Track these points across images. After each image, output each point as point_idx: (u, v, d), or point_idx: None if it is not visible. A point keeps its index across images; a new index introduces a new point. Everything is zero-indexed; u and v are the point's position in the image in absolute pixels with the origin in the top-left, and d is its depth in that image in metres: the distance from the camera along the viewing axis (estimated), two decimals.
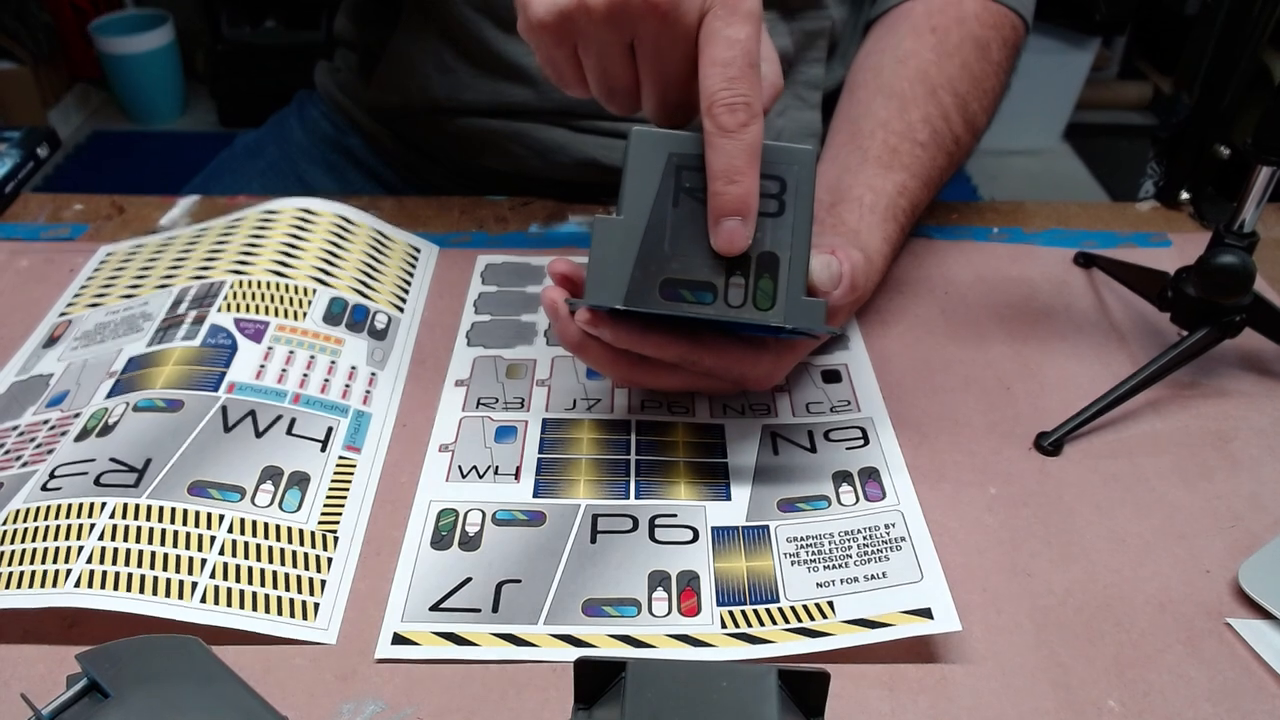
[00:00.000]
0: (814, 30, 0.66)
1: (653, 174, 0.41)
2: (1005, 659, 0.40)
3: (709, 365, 0.45)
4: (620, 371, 0.46)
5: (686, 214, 0.41)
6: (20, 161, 0.70)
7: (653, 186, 0.41)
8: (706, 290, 0.41)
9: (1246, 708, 0.38)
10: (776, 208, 0.42)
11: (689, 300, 0.41)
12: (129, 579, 0.40)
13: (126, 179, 2.27)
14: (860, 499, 0.46)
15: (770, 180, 0.41)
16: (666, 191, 0.41)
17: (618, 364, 0.46)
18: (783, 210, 0.42)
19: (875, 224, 0.53)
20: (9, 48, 2.28)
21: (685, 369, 0.46)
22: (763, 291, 0.41)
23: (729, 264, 0.41)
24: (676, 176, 0.41)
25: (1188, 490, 0.48)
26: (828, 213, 0.53)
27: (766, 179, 0.41)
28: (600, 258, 0.41)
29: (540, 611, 0.41)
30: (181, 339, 0.51)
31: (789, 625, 0.40)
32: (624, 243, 0.41)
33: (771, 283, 0.41)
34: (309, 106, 0.81)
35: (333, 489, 0.46)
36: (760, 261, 0.41)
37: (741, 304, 0.41)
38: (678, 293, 0.41)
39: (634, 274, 0.41)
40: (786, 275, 0.41)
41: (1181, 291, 0.52)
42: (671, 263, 0.41)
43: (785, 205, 0.42)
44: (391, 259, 0.61)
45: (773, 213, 0.41)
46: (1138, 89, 2.50)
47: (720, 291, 0.41)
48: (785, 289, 0.41)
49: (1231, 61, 0.60)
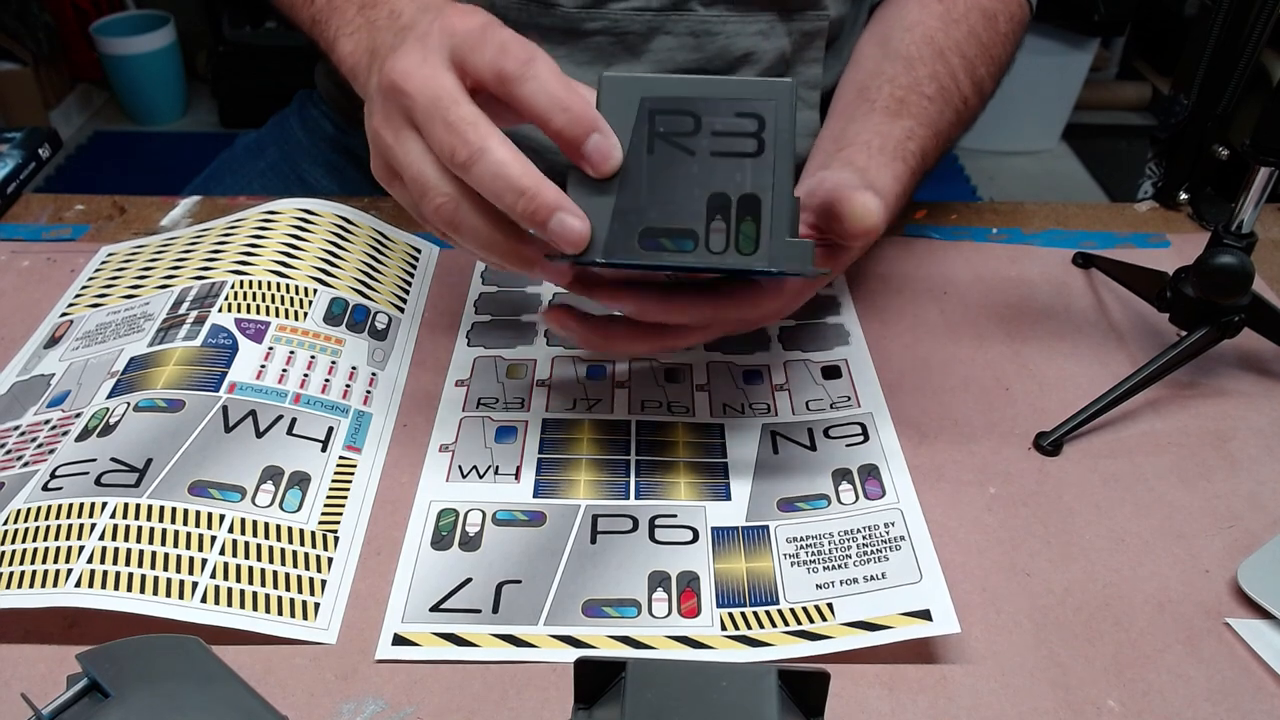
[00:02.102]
0: (812, 30, 0.66)
1: (625, 121, 0.39)
2: (1004, 659, 0.40)
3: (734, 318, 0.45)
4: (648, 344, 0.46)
5: (663, 160, 0.40)
6: (22, 162, 0.71)
7: (626, 134, 0.40)
8: (687, 238, 0.40)
9: (1246, 707, 0.38)
10: (755, 147, 0.39)
11: (669, 249, 0.40)
12: (129, 579, 0.40)
13: (128, 179, 2.27)
14: (860, 497, 0.46)
15: (747, 118, 0.39)
16: (641, 138, 0.40)
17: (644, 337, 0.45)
18: (762, 149, 0.40)
19: (884, 163, 0.53)
20: (10, 48, 2.28)
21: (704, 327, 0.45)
22: (745, 235, 0.40)
23: (709, 209, 0.39)
24: (650, 122, 0.40)
25: (1187, 490, 0.48)
26: (835, 157, 0.53)
27: (743, 117, 0.39)
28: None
29: (540, 612, 0.41)
30: (182, 339, 0.51)
31: (788, 628, 0.40)
32: (599, 194, 0.40)
33: (754, 225, 0.40)
34: (310, 107, 0.81)
35: (333, 489, 0.46)
36: (741, 204, 0.40)
37: (724, 249, 0.40)
38: (657, 242, 0.40)
39: (612, 226, 0.39)
40: (770, 217, 0.39)
41: (1180, 292, 0.52)
42: (649, 211, 0.40)
43: (764, 144, 0.40)
44: (392, 259, 0.61)
45: (751, 152, 0.39)
46: (1136, 90, 2.50)
47: (701, 238, 0.40)
48: (769, 231, 0.39)
49: (1230, 62, 0.60)
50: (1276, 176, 0.49)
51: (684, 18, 0.63)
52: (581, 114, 0.38)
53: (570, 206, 0.38)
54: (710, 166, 0.40)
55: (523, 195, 0.38)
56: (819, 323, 0.57)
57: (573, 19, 0.62)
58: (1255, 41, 0.58)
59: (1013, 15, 0.64)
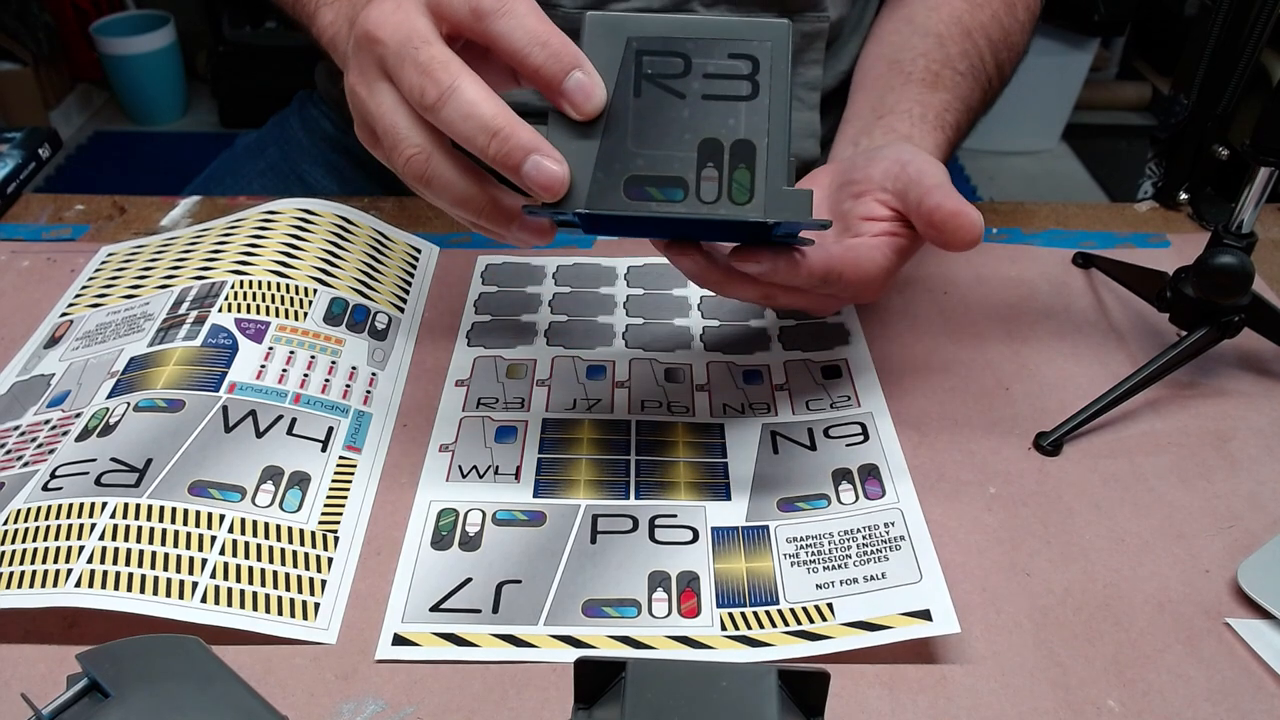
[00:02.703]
0: (812, 31, 0.66)
1: (611, 62, 0.37)
2: (1004, 659, 0.40)
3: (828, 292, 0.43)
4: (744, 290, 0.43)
5: (651, 104, 0.37)
6: (22, 162, 0.71)
7: (611, 76, 0.37)
8: (676, 187, 0.37)
9: (1246, 707, 0.38)
10: (750, 90, 0.37)
11: (657, 199, 0.37)
12: (129, 579, 0.40)
13: (128, 179, 2.27)
14: (860, 497, 0.46)
15: (741, 60, 0.37)
16: (627, 80, 0.37)
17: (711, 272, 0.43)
18: (756, 92, 0.37)
19: (927, 131, 0.53)
20: (10, 48, 2.28)
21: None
22: (738, 184, 0.37)
23: (700, 156, 0.37)
24: (637, 63, 0.37)
25: (1187, 490, 0.48)
26: (875, 124, 0.53)
27: (736, 58, 0.37)
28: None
29: (540, 612, 0.41)
30: (182, 339, 0.51)
31: (788, 628, 0.40)
32: (583, 140, 0.37)
33: (748, 173, 0.37)
34: (310, 107, 0.81)
35: (333, 489, 0.46)
36: (735, 151, 0.37)
37: (716, 199, 0.37)
38: (644, 191, 0.37)
39: (595, 174, 0.37)
40: (765, 164, 0.37)
41: (1180, 292, 0.52)
42: (636, 159, 0.37)
43: (759, 87, 0.37)
44: (392, 259, 0.61)
45: (745, 95, 0.37)
46: (1136, 90, 2.50)
47: (691, 187, 0.37)
48: (764, 179, 0.37)
49: (1230, 62, 0.60)
50: (1276, 176, 0.49)
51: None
52: (561, 50, 0.36)
53: (547, 149, 0.36)
54: (702, 110, 0.37)
55: (495, 136, 0.36)
56: (819, 322, 0.57)
57: (574, 20, 0.62)
58: (1255, 41, 0.58)
59: (1029, 5, 0.66)
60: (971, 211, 0.41)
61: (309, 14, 0.52)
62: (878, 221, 0.45)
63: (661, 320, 0.57)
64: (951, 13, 0.61)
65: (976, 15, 0.62)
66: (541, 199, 0.37)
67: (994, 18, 0.62)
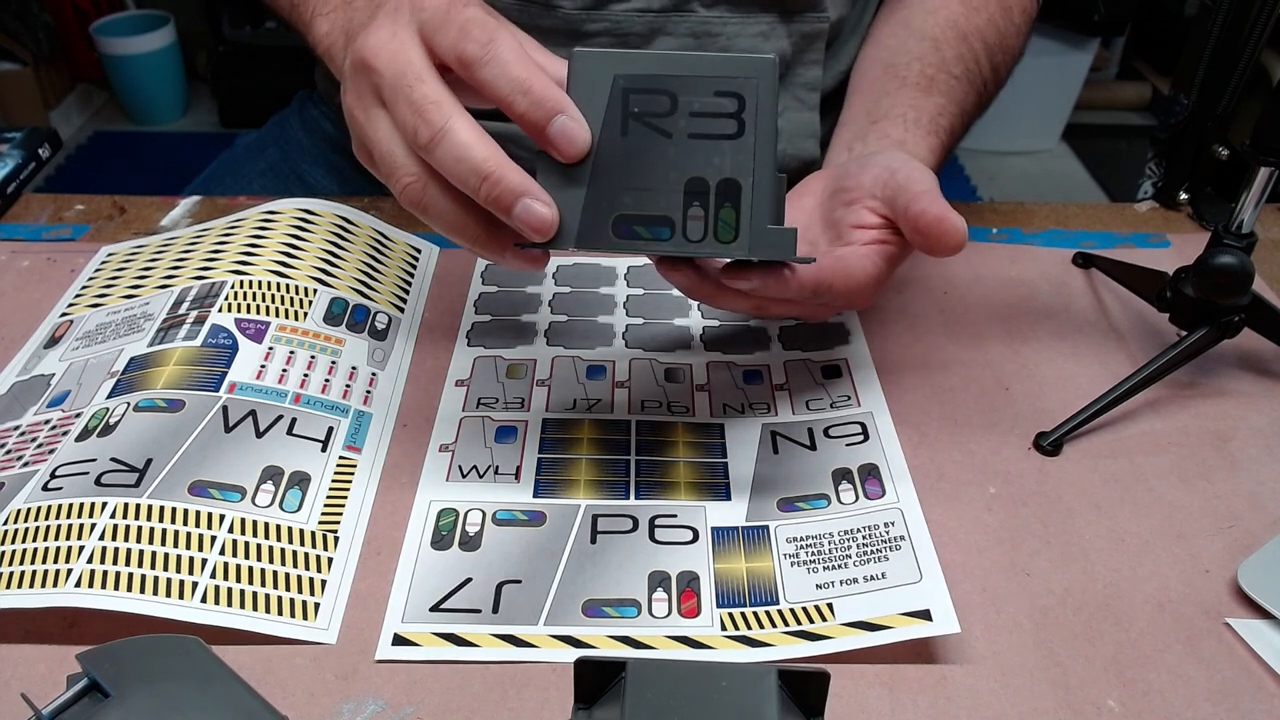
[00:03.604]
0: (812, 32, 0.66)
1: (598, 101, 0.38)
2: (1004, 659, 0.40)
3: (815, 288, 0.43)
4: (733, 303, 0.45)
5: (637, 143, 0.38)
6: (22, 162, 0.71)
7: (598, 114, 0.38)
8: (663, 225, 0.38)
9: (1246, 707, 0.38)
10: (735, 128, 0.38)
11: (645, 237, 0.38)
12: (129, 579, 0.40)
13: (128, 179, 2.27)
14: (860, 497, 0.46)
15: (727, 97, 0.38)
16: (614, 119, 0.38)
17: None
18: (742, 130, 0.38)
19: (920, 136, 0.53)
20: (10, 48, 2.28)
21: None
22: (724, 223, 0.38)
23: (687, 195, 0.38)
24: (624, 102, 0.38)
25: (1187, 490, 0.48)
26: (869, 129, 0.53)
27: (722, 96, 0.38)
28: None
29: (540, 612, 0.41)
30: (182, 339, 0.51)
31: (788, 628, 0.40)
32: (571, 180, 0.38)
33: (734, 212, 0.38)
34: (310, 107, 0.81)
35: (333, 489, 0.46)
36: (720, 190, 0.38)
37: (702, 238, 0.38)
38: (632, 230, 0.38)
39: (584, 213, 0.38)
40: (750, 203, 0.38)
41: (1180, 292, 0.52)
42: (623, 197, 0.38)
43: (745, 125, 0.38)
44: (392, 259, 0.61)
45: (731, 134, 0.38)
46: (1136, 90, 2.50)
47: (678, 226, 0.38)
48: (749, 218, 0.38)
49: (1230, 62, 0.60)
50: (1276, 176, 0.49)
51: (685, 19, 0.63)
52: (543, 96, 0.37)
53: (536, 192, 0.37)
54: (688, 149, 0.38)
55: (486, 180, 0.37)
56: (819, 322, 0.57)
57: (574, 20, 0.62)
58: (1255, 41, 0.58)
59: (1025, 9, 0.66)
60: (955, 218, 0.42)
61: (305, 22, 0.53)
62: (868, 229, 0.46)
63: (661, 320, 0.58)
64: (948, 16, 0.62)
65: (973, 19, 0.62)
66: (531, 239, 0.38)
67: (990, 21, 0.63)
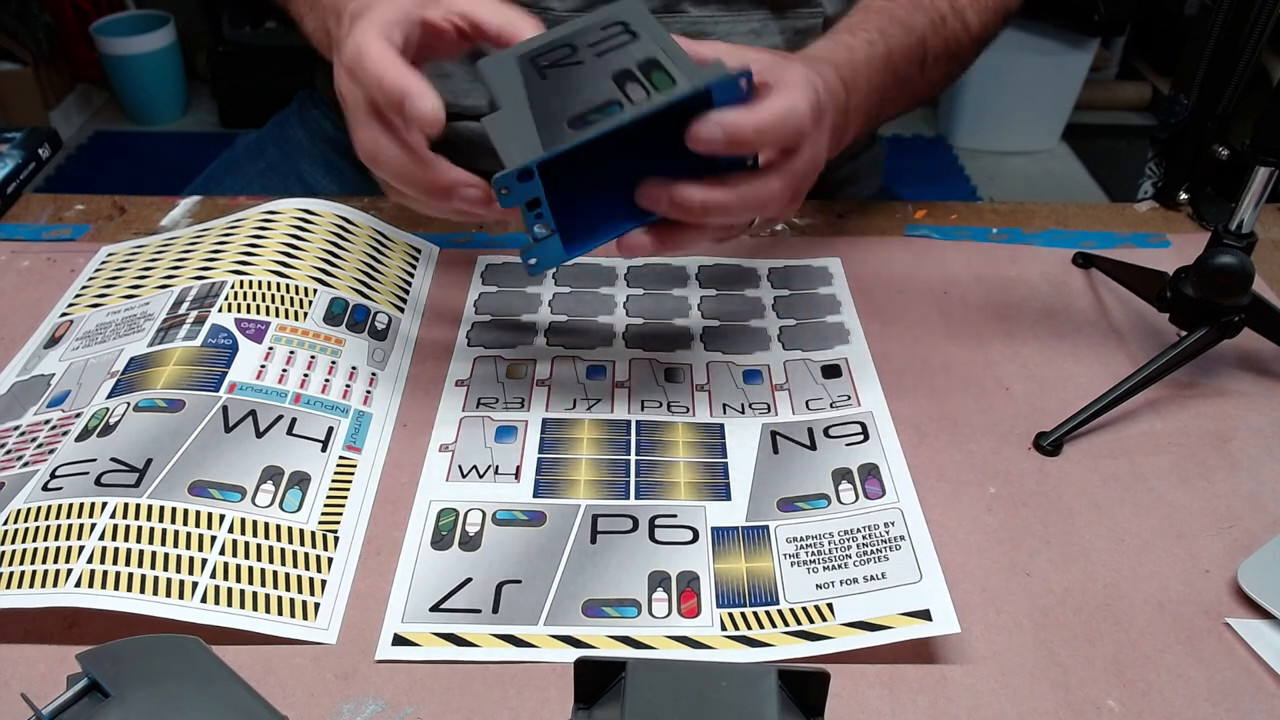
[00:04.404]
0: (805, 28, 0.66)
1: (514, 79, 0.44)
2: (1004, 659, 0.40)
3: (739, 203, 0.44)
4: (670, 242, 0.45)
5: (559, 76, 0.44)
6: (22, 162, 0.71)
7: (519, 87, 0.44)
8: (612, 106, 0.42)
9: (1246, 707, 0.38)
10: (630, 38, 0.45)
11: (599, 120, 0.41)
12: (129, 579, 0.40)
13: (128, 179, 2.27)
14: (860, 497, 0.46)
15: (612, 27, 0.45)
16: (533, 77, 0.44)
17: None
18: (637, 36, 0.45)
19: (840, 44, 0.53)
20: (10, 48, 2.28)
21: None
22: (660, 81, 0.42)
23: (619, 82, 0.43)
24: (533, 64, 0.45)
25: (1187, 490, 0.48)
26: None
27: (608, 28, 0.45)
28: (505, 141, 0.42)
29: (540, 612, 0.41)
30: (182, 339, 0.51)
31: (788, 628, 0.40)
32: (518, 119, 0.43)
33: (664, 72, 0.42)
34: (310, 107, 0.81)
35: (333, 489, 0.46)
36: (644, 66, 0.43)
37: (648, 97, 0.41)
38: (586, 121, 0.41)
39: (540, 134, 0.42)
40: (672, 62, 0.42)
41: (1180, 292, 0.52)
42: (569, 107, 0.42)
43: (636, 33, 0.45)
44: (392, 259, 0.61)
45: (629, 40, 0.45)
46: (1136, 90, 2.50)
47: (624, 102, 0.42)
48: (678, 69, 0.42)
49: (1230, 63, 0.60)
50: (1276, 176, 0.49)
51: (676, 19, 0.63)
52: (390, 90, 0.42)
53: (418, 90, 0.41)
54: (602, 62, 0.44)
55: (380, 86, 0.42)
56: (819, 322, 0.57)
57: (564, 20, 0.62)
58: (1255, 41, 0.58)
59: None
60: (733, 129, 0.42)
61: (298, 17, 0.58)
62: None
63: (661, 320, 0.58)
64: None
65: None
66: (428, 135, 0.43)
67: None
